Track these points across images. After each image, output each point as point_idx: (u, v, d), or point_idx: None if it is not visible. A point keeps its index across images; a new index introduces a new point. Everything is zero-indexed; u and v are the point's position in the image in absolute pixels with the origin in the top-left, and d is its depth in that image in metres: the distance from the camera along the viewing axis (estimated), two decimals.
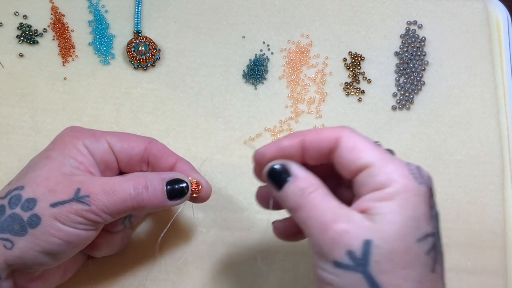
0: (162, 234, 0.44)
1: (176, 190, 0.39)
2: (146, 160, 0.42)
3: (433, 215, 0.33)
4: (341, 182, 0.37)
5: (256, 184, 0.39)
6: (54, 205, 0.36)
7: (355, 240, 0.31)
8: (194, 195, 0.41)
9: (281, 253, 0.48)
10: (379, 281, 0.30)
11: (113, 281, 0.46)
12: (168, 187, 0.39)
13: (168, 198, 0.39)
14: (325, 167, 0.36)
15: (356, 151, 0.33)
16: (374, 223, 0.31)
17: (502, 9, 0.57)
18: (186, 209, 0.47)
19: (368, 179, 0.33)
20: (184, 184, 0.40)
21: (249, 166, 0.50)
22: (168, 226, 0.44)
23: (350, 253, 0.31)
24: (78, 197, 0.37)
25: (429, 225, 0.32)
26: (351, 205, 0.33)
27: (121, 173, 0.43)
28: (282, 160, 0.35)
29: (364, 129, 0.52)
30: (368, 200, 0.32)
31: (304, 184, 0.34)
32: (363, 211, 0.32)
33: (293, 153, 0.35)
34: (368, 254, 0.30)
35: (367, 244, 0.30)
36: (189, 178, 0.41)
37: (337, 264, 0.31)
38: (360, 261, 0.30)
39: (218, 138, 0.51)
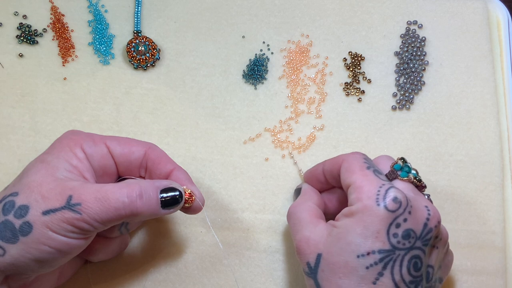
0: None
1: (170, 199, 0.39)
2: (145, 165, 0.42)
3: (393, 234, 0.37)
4: None
5: (254, 184, 0.50)
6: (46, 212, 0.36)
7: (311, 254, 0.39)
8: (186, 205, 0.40)
9: (281, 253, 0.48)
10: (322, 286, 0.38)
11: (112, 282, 0.46)
12: (162, 195, 0.39)
13: (161, 206, 0.39)
14: None
15: (348, 172, 0.40)
16: (329, 236, 0.39)
17: (502, 9, 0.57)
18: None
19: (349, 195, 0.40)
20: (178, 193, 0.39)
21: (249, 166, 0.50)
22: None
23: (308, 264, 0.40)
24: (69, 205, 0.36)
25: (378, 243, 0.37)
26: None
27: (119, 177, 0.43)
28: (304, 183, 0.48)
29: (364, 129, 0.52)
30: (341, 213, 0.40)
31: (303, 197, 0.45)
32: (336, 220, 0.40)
33: (318, 175, 0.46)
34: (318, 265, 0.39)
35: (318, 257, 0.39)
36: (183, 187, 0.40)
37: (304, 270, 0.40)
38: (313, 270, 0.39)
39: (218, 138, 0.51)
